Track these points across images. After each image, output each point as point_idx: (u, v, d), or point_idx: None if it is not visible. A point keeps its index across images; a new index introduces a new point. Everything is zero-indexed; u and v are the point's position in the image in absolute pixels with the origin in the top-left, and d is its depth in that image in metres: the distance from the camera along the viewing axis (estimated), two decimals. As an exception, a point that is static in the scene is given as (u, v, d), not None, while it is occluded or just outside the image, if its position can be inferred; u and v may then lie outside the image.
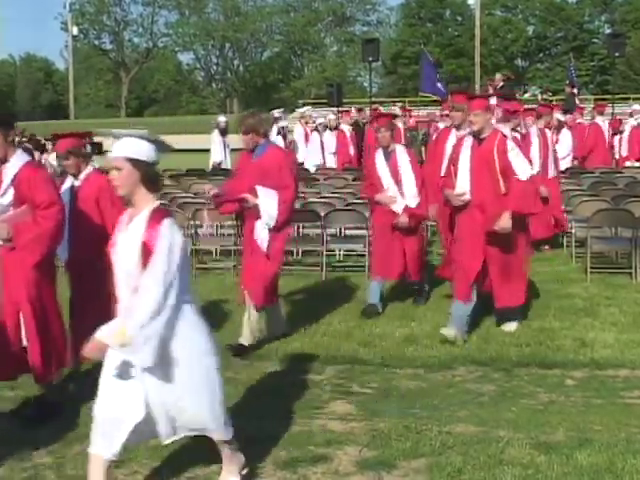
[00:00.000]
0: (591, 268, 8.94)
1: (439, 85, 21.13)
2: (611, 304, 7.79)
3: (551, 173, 10.71)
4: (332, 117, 18.61)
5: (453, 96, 9.82)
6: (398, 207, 7.59)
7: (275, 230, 6.40)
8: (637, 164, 15.63)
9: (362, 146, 17.21)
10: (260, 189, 6.36)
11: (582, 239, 9.59)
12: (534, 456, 4.39)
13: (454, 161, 6.90)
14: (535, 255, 10.40)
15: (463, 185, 6.72)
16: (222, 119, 17.39)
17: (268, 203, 6.34)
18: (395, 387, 5.64)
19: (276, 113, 17.95)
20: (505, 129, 8.70)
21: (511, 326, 6.91)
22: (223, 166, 16.53)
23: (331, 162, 17.17)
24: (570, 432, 4.72)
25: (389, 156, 7.69)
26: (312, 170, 16.06)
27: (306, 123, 17.74)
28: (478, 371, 5.95)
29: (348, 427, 4.89)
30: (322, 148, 17.13)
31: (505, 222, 6.43)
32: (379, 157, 7.74)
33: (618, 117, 17.95)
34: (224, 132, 16.75)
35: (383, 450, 4.52)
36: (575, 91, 22.09)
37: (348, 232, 10.33)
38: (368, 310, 7.50)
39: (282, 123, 16.80)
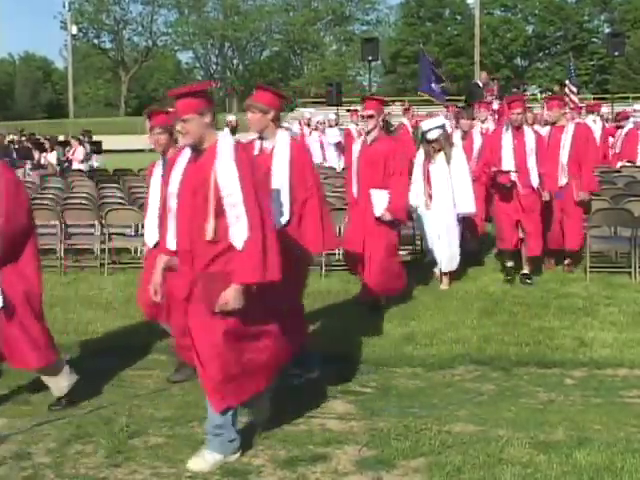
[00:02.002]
0: (590, 267, 8.95)
1: (433, 86, 21.11)
2: (610, 303, 7.80)
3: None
4: (332, 117, 18.65)
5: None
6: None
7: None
8: (628, 164, 15.52)
9: None
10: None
11: (581, 238, 9.58)
12: (533, 455, 4.39)
13: None
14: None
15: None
16: (232, 118, 17.47)
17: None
18: (394, 386, 5.64)
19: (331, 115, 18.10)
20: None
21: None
22: None
23: (333, 160, 17.12)
24: (569, 431, 4.72)
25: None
26: None
27: (307, 125, 17.76)
28: (477, 370, 5.95)
29: (347, 426, 4.89)
30: (322, 147, 17.10)
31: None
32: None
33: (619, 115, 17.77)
34: (234, 131, 16.79)
35: (382, 449, 4.51)
36: (574, 89, 22.07)
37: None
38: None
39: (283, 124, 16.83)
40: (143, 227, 10.16)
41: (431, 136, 8.49)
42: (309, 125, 18.15)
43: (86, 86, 76.10)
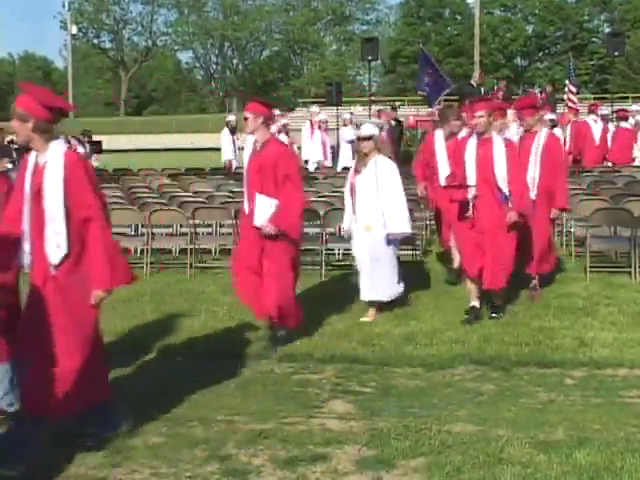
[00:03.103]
0: (590, 267, 8.94)
1: (425, 87, 21.07)
2: (610, 303, 7.79)
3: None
4: (347, 116, 18.62)
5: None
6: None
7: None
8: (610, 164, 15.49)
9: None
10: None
11: (581, 238, 9.60)
12: (533, 455, 4.39)
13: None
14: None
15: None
16: (232, 117, 17.46)
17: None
18: (394, 386, 5.64)
19: (313, 108, 18.02)
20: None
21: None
22: (234, 164, 16.56)
23: (348, 159, 16.99)
24: (569, 431, 4.72)
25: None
26: (311, 168, 16.04)
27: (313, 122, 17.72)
28: (477, 370, 5.95)
29: (347, 426, 4.89)
30: (324, 146, 17.07)
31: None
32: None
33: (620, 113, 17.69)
34: (234, 130, 16.78)
35: (382, 449, 4.51)
36: (574, 89, 22.07)
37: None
38: None
39: (283, 121, 16.82)
40: (143, 227, 10.23)
41: (364, 132, 7.38)
42: (320, 125, 17.92)
43: (86, 86, 76.06)
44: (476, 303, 7.36)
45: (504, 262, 7.21)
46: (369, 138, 7.31)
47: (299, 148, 17.24)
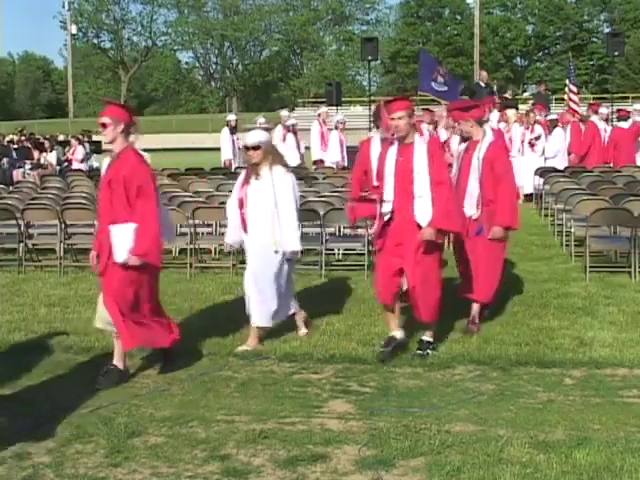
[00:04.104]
0: (590, 267, 8.94)
1: (433, 85, 21.10)
2: (610, 303, 7.80)
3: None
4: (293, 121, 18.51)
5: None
6: None
7: None
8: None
9: None
10: None
11: (581, 238, 9.60)
12: (533, 455, 4.40)
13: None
14: (534, 254, 10.47)
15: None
16: (232, 117, 17.43)
17: None
18: (394, 386, 5.64)
19: (283, 112, 17.97)
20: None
21: None
22: (234, 164, 16.57)
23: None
24: (569, 431, 4.72)
25: None
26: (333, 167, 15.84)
27: (324, 122, 17.68)
28: (477, 370, 5.95)
29: (347, 426, 4.89)
30: (341, 147, 16.96)
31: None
32: None
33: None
34: (234, 130, 16.77)
35: (382, 449, 4.52)
36: (574, 89, 22.08)
37: (347, 231, 10.33)
38: None
39: (291, 121, 16.84)
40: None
41: (251, 140, 6.42)
42: (337, 125, 17.77)
43: (86, 86, 76.14)
44: (397, 333, 6.30)
45: (429, 291, 6.15)
46: (257, 147, 6.38)
47: (307, 148, 17.22)
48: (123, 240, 5.64)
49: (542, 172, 14.25)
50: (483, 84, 21.31)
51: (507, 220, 6.91)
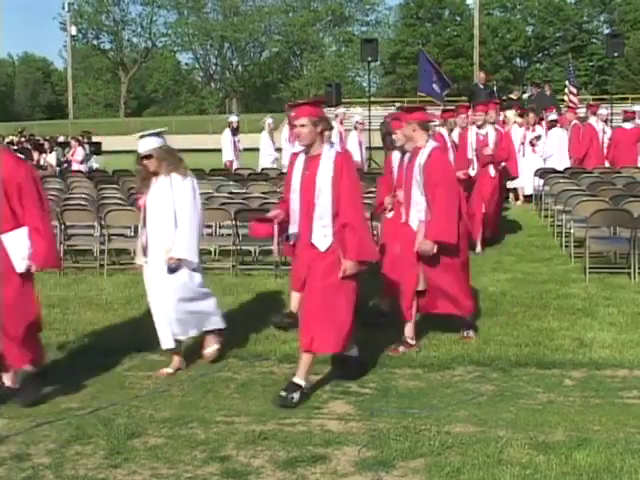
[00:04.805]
0: (590, 268, 8.94)
1: (434, 86, 21.10)
2: (610, 304, 7.80)
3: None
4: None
5: None
6: None
7: None
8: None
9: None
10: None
11: (581, 239, 9.59)
12: (533, 456, 4.39)
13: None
14: (534, 255, 10.47)
15: None
16: (234, 118, 17.43)
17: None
18: (394, 387, 5.64)
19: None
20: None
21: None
22: (235, 165, 16.58)
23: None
24: (569, 432, 4.72)
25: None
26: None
27: (341, 122, 17.67)
28: (477, 371, 5.95)
29: (347, 427, 4.89)
30: (360, 147, 16.94)
31: None
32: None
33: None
34: (235, 131, 16.76)
35: (382, 450, 4.52)
36: (574, 90, 22.09)
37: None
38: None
39: None
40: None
41: (142, 149, 5.88)
42: (356, 126, 17.71)
43: (85, 87, 76.12)
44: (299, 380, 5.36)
45: (334, 321, 5.34)
46: (149, 156, 5.85)
47: None
48: (19, 247, 5.21)
49: (542, 173, 14.25)
50: (482, 85, 21.33)
51: (436, 234, 6.23)
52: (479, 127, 10.96)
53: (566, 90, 22.58)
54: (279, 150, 16.73)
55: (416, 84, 31.13)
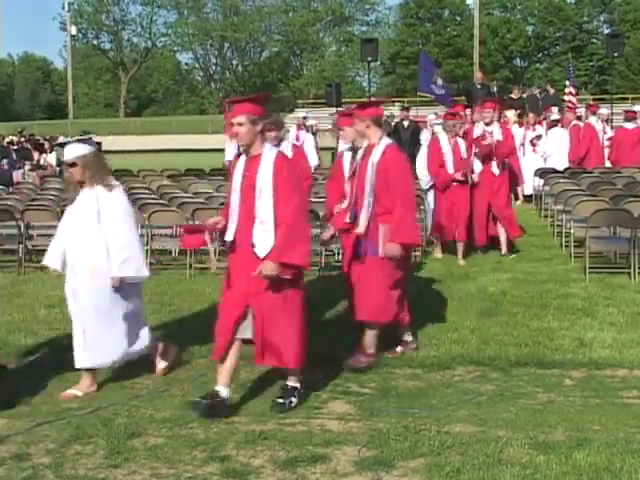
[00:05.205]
0: (590, 268, 8.94)
1: (433, 87, 21.12)
2: (610, 304, 7.79)
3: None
4: (431, 117, 18.34)
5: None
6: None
7: None
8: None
9: None
10: None
11: (581, 239, 9.60)
12: (533, 456, 4.39)
13: None
14: (534, 255, 10.47)
15: None
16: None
17: None
18: (394, 387, 5.64)
19: (301, 112, 18.03)
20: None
21: None
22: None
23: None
24: (569, 432, 4.72)
25: None
26: None
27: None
28: (477, 371, 5.96)
29: (347, 427, 4.89)
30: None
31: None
32: None
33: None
34: None
35: (382, 450, 4.52)
36: (573, 90, 22.09)
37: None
38: None
39: (311, 122, 16.90)
40: (143, 227, 10.23)
41: (66, 156, 5.60)
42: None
43: (85, 87, 76.12)
44: (222, 389, 5.10)
45: (282, 338, 5.04)
46: (74, 164, 5.54)
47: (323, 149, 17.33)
48: None
49: (542, 173, 14.26)
50: (479, 85, 21.32)
51: (403, 237, 5.91)
52: (487, 124, 10.68)
53: (566, 90, 22.55)
54: None
55: (416, 84, 31.09)
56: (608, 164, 15.83)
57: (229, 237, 5.16)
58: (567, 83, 22.81)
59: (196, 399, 5.12)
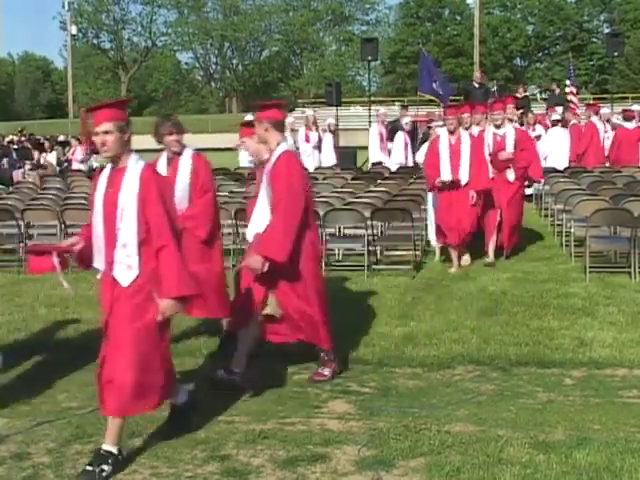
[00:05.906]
0: (590, 267, 8.94)
1: (434, 86, 21.09)
2: (610, 303, 7.79)
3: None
4: (331, 121, 18.51)
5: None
6: None
7: None
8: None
9: None
10: None
11: (581, 238, 9.59)
12: (533, 455, 4.40)
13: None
14: (534, 254, 10.47)
15: None
16: (249, 118, 17.47)
17: None
18: (394, 386, 5.64)
19: (309, 112, 18.05)
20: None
21: None
22: (241, 165, 16.64)
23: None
24: (569, 431, 4.72)
25: None
26: (393, 169, 15.65)
27: (382, 123, 17.68)
28: (477, 370, 5.96)
29: (347, 426, 4.90)
30: (405, 148, 16.89)
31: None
32: None
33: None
34: None
35: (382, 449, 4.52)
36: (574, 90, 22.07)
37: (347, 231, 10.34)
38: None
39: (330, 120, 16.91)
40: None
41: None
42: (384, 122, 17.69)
43: (85, 86, 76.08)
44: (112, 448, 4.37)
45: (148, 377, 4.37)
46: None
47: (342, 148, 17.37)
48: None
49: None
50: (477, 84, 21.27)
51: (264, 249, 5.42)
52: (497, 127, 10.16)
53: (567, 90, 22.53)
54: None
55: (416, 83, 31.07)
56: (608, 164, 15.83)
57: (98, 265, 4.52)
58: (568, 83, 22.78)
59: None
